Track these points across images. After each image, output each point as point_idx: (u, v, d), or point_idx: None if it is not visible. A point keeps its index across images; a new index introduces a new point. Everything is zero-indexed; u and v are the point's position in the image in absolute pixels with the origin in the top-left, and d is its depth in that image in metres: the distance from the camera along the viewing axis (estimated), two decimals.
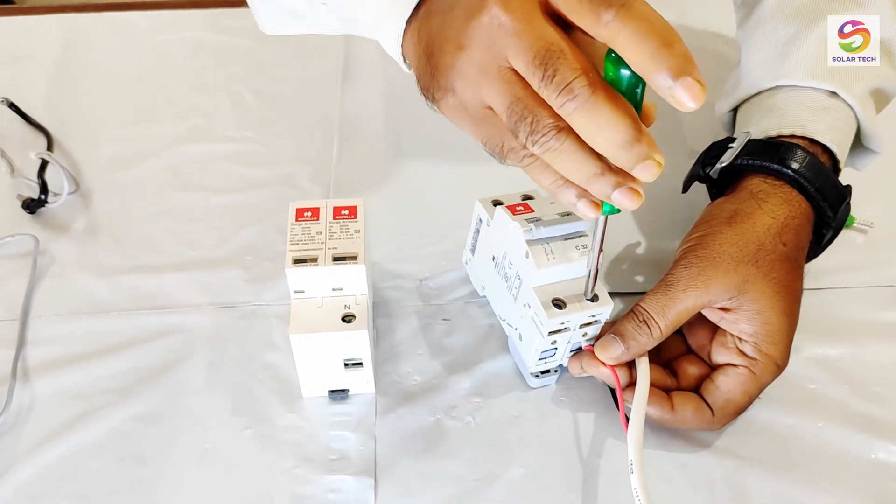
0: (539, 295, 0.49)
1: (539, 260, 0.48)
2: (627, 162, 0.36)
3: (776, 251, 0.49)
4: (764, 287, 0.48)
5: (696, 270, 0.49)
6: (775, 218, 0.50)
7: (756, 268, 0.48)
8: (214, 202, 0.64)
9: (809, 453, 0.50)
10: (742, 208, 0.51)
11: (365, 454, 0.50)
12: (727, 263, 0.48)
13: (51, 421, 0.51)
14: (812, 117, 0.53)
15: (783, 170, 0.52)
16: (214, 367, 0.54)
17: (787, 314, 0.49)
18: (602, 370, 0.50)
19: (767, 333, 0.48)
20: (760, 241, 0.49)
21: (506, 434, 0.51)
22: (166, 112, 0.72)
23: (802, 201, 0.52)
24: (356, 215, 0.51)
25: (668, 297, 0.48)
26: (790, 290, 0.49)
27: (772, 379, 0.49)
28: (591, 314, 0.49)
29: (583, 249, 0.49)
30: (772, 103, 0.55)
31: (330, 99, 0.72)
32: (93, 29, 0.79)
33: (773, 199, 0.51)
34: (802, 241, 0.51)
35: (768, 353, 0.48)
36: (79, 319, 0.56)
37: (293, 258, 0.48)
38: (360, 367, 0.50)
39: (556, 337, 0.49)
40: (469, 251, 0.57)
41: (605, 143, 0.36)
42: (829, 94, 0.54)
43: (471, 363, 0.54)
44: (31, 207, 0.62)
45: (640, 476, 0.45)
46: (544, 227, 0.49)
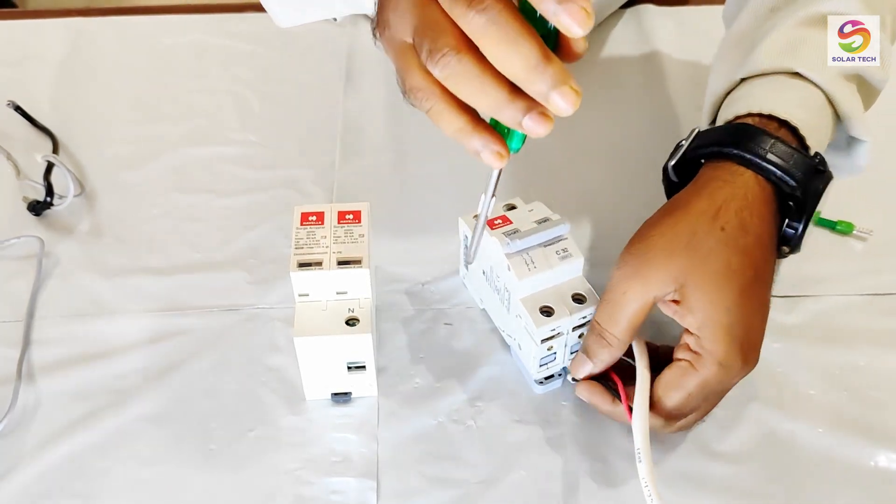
0: (527, 305, 0.49)
1: (520, 271, 0.49)
2: (542, 85, 0.34)
3: (712, 236, 0.46)
4: (701, 279, 0.46)
5: (631, 270, 0.47)
6: (713, 201, 0.47)
7: (689, 257, 0.46)
8: (218, 204, 0.65)
9: (809, 459, 0.50)
10: (681, 197, 0.49)
11: (367, 456, 0.50)
12: (660, 256, 0.46)
13: (55, 421, 0.51)
14: (769, 95, 0.51)
15: (724, 149, 0.49)
16: (218, 369, 0.54)
17: (728, 307, 0.45)
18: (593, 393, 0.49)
19: (709, 329, 0.45)
20: (693, 229, 0.47)
21: (508, 437, 0.51)
22: (171, 115, 0.72)
23: (750, 177, 0.48)
24: (360, 219, 0.51)
25: (612, 303, 0.47)
26: (733, 281, 0.46)
27: (717, 379, 0.46)
28: (582, 316, 0.49)
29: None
30: (735, 96, 0.53)
31: (333, 102, 0.73)
32: (98, 32, 0.79)
33: (713, 182, 0.48)
34: (748, 222, 0.47)
35: (709, 350, 0.45)
36: (83, 320, 0.57)
37: (298, 262, 0.49)
38: (363, 371, 0.51)
39: (551, 343, 0.50)
40: (462, 266, 0.58)
41: (518, 62, 0.34)
42: (794, 75, 0.51)
43: (473, 367, 0.54)
44: (37, 209, 0.62)
45: (648, 465, 0.45)
46: (520, 238, 0.49)
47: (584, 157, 0.68)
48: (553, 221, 0.51)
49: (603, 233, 0.62)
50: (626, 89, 0.74)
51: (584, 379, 0.50)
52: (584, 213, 0.63)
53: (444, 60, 0.35)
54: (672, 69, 0.75)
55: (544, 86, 0.34)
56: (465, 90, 0.36)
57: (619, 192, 0.65)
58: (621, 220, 0.62)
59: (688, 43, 0.77)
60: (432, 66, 0.36)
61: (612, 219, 0.62)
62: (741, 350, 0.46)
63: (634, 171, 0.67)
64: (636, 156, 0.68)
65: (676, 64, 0.75)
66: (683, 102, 0.72)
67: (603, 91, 0.74)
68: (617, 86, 0.75)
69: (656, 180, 0.55)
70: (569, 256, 0.50)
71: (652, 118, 0.71)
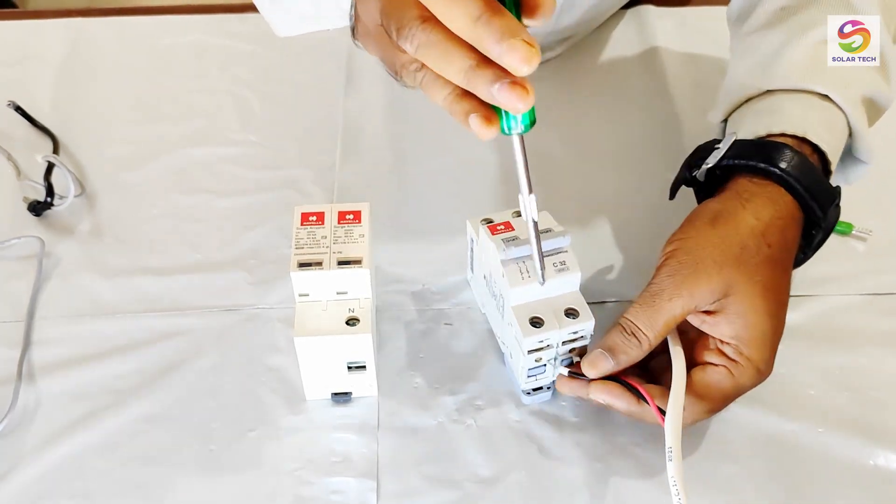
0: (518, 313, 0.49)
1: (513, 278, 0.48)
2: (489, 40, 0.33)
3: (760, 253, 0.48)
4: (748, 290, 0.47)
5: (680, 278, 0.48)
6: (759, 219, 0.49)
7: (740, 270, 0.48)
8: (218, 205, 0.65)
9: (809, 459, 0.50)
10: (725, 208, 0.50)
11: (367, 456, 0.50)
12: (710, 268, 0.48)
13: (56, 421, 0.51)
14: (803, 116, 0.52)
15: (770, 168, 0.50)
16: (219, 370, 0.54)
17: (771, 317, 0.48)
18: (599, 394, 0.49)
19: (750, 337, 0.47)
20: (744, 243, 0.48)
21: (508, 438, 0.51)
22: (171, 115, 0.72)
23: (789, 201, 0.50)
24: (360, 220, 0.51)
25: (655, 307, 0.48)
26: (775, 293, 0.48)
27: (751, 384, 0.48)
28: (572, 331, 0.49)
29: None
30: (761, 106, 0.55)
31: (333, 102, 0.73)
32: (99, 33, 0.79)
33: (757, 199, 0.50)
34: (788, 242, 0.50)
35: (749, 357, 0.47)
36: (84, 321, 0.57)
37: (298, 262, 0.49)
38: (364, 371, 0.51)
39: (539, 354, 0.49)
40: (469, 269, 0.58)
41: (461, 18, 0.33)
42: (820, 97, 0.53)
43: (473, 367, 0.54)
44: (37, 210, 0.62)
45: (677, 464, 0.45)
46: (517, 246, 0.49)
47: (585, 157, 0.68)
48: (555, 232, 0.50)
49: (605, 235, 0.62)
50: (627, 90, 0.74)
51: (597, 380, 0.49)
52: (583, 213, 0.63)
53: (409, 34, 0.36)
54: (673, 70, 0.75)
55: (491, 40, 0.33)
56: (433, 61, 0.36)
57: (620, 193, 0.65)
58: (621, 221, 0.63)
59: (689, 43, 0.77)
60: (402, 41, 0.36)
61: (611, 220, 0.62)
62: (772, 357, 0.48)
63: (636, 171, 0.66)
64: (638, 157, 0.68)
65: (677, 65, 0.75)
66: (684, 103, 0.72)
67: (605, 92, 0.74)
68: (617, 87, 0.74)
69: (658, 181, 0.55)
70: (566, 270, 0.49)
71: (653, 119, 0.71)
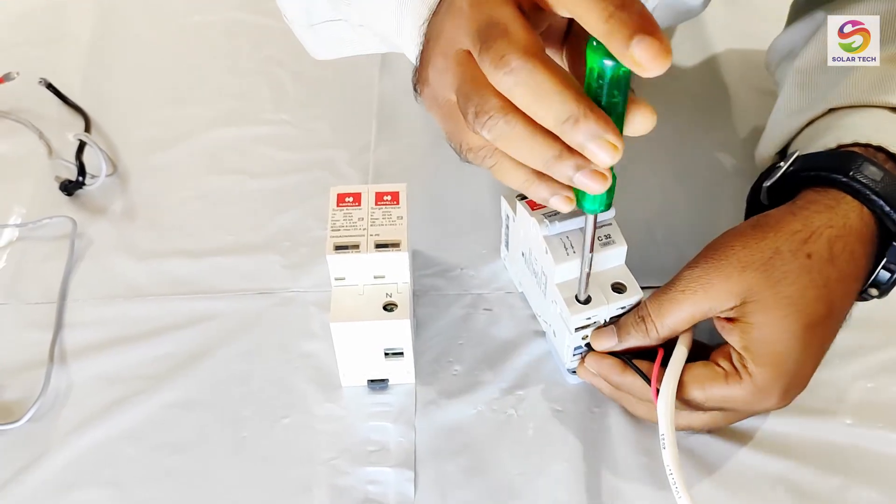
0: (563, 291, 0.47)
1: (557, 255, 0.47)
2: (576, 137, 0.33)
3: (795, 261, 0.43)
4: (769, 300, 0.43)
5: (699, 272, 0.44)
6: (806, 225, 0.44)
7: (765, 276, 0.43)
8: (251, 186, 0.63)
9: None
10: (774, 213, 0.46)
11: (405, 446, 0.48)
12: (732, 268, 0.43)
13: (87, 405, 0.50)
14: (876, 126, 0.48)
15: (832, 175, 0.46)
16: (251, 355, 0.53)
17: (793, 337, 0.43)
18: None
19: (760, 353, 0.43)
20: (777, 248, 0.44)
21: (549, 427, 0.49)
22: (203, 94, 0.71)
23: (854, 208, 0.45)
24: (398, 201, 0.49)
25: (667, 296, 0.45)
26: (804, 311, 0.43)
27: (743, 402, 0.44)
28: (620, 306, 0.47)
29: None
30: (826, 124, 0.50)
31: (368, 81, 0.71)
32: (129, 9, 0.79)
33: (812, 206, 0.45)
34: (838, 255, 0.44)
35: (752, 373, 0.43)
36: (116, 303, 0.56)
37: (334, 244, 0.47)
38: (401, 357, 0.49)
39: (585, 332, 0.48)
40: (504, 247, 0.56)
41: (550, 116, 0.33)
42: (890, 110, 0.49)
43: (513, 354, 0.53)
44: (69, 189, 0.61)
45: (672, 452, 0.43)
46: (560, 221, 0.47)
47: None
48: None
49: (634, 240, 0.60)
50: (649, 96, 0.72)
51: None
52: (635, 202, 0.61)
53: (490, 123, 0.35)
54: (722, 52, 0.72)
55: (579, 137, 0.33)
56: (514, 151, 0.36)
57: (646, 198, 0.62)
58: (652, 228, 0.60)
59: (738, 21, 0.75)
60: (479, 128, 0.35)
61: (644, 227, 0.60)
62: (785, 384, 0.44)
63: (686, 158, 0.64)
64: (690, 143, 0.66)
65: (727, 43, 0.73)
66: (697, 109, 0.69)
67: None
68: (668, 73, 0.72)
69: (683, 188, 0.52)
70: (611, 243, 0.48)
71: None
